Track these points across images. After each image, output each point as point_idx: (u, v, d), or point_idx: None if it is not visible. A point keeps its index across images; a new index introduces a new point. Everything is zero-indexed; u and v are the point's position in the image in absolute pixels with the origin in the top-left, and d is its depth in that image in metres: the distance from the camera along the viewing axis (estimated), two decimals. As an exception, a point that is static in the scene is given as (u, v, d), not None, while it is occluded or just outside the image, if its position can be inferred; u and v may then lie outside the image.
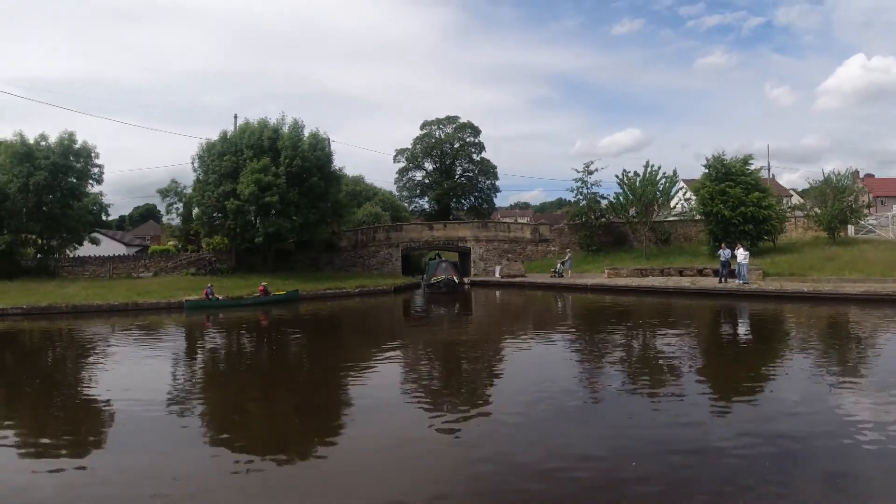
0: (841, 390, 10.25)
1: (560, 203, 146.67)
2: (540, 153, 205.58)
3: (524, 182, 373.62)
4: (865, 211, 37.88)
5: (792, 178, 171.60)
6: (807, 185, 42.85)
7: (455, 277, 34.83)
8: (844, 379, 11.11)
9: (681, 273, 31.90)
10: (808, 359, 13.42)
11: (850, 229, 37.22)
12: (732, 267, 27.69)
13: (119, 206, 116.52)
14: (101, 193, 38.49)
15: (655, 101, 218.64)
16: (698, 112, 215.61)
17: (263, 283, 29.61)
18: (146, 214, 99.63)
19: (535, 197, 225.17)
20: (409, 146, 67.53)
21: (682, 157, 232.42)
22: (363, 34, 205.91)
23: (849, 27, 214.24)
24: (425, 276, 37.54)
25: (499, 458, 7.39)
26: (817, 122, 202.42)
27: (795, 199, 55.04)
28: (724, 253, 28.26)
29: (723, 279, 27.74)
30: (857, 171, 38.14)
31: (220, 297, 27.83)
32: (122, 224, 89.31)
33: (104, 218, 41.73)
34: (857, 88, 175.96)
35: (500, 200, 74.03)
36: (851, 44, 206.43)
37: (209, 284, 28.67)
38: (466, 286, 36.65)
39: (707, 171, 34.84)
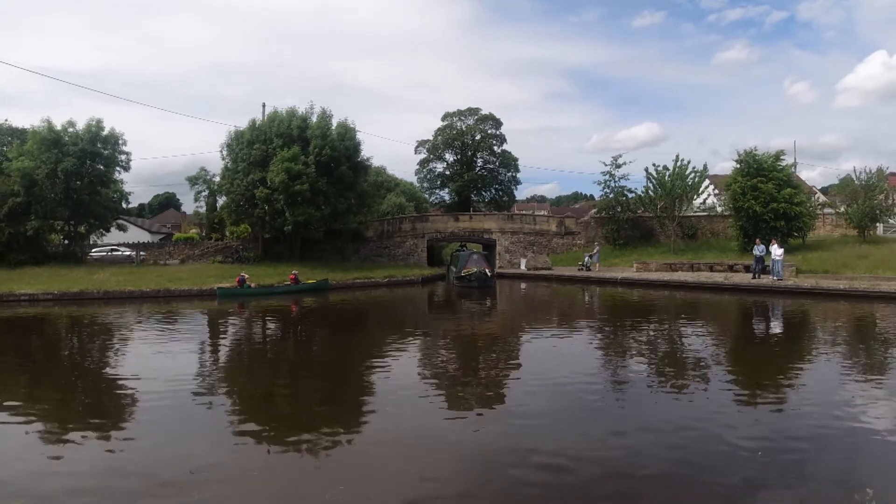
0: (868, 390, 10.14)
1: (576, 196, 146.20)
2: (555, 147, 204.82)
3: (539, 175, 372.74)
4: (896, 210, 37.42)
5: (811, 175, 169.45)
6: (825, 183, 42.28)
7: (487, 270, 33.28)
8: (873, 378, 11.02)
9: (711, 268, 31.61)
10: (842, 357, 13.28)
11: (880, 228, 36.81)
12: (766, 263, 27.43)
13: (137, 194, 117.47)
14: (121, 181, 38.70)
15: (674, 95, 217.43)
16: (717, 107, 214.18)
17: (294, 272, 29.67)
18: (165, 203, 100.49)
19: (551, 190, 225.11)
20: (431, 137, 67.22)
21: (700, 152, 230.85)
22: (380, 27, 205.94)
23: (871, 24, 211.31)
24: (455, 267, 35.94)
25: (516, 452, 7.41)
26: (837, 120, 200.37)
27: (820, 197, 54.47)
28: (759, 248, 27.97)
29: (756, 275, 27.48)
30: (884, 170, 37.44)
31: (252, 286, 27.92)
32: (142, 212, 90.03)
33: (124, 205, 41.90)
34: (878, 87, 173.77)
35: (518, 193, 73.52)
36: (873, 41, 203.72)
37: (242, 273, 28.75)
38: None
39: (738, 165, 34.43)
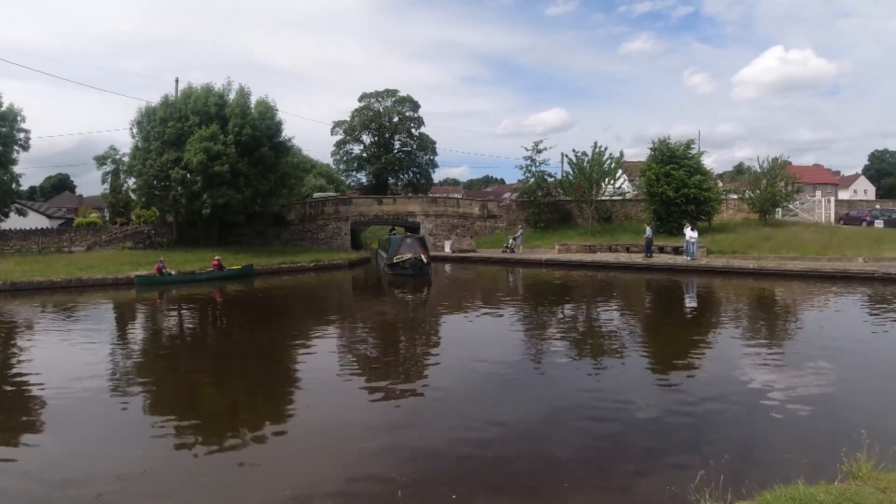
0: (767, 361, 11.06)
1: (487, 180, 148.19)
2: (467, 130, 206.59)
3: (450, 157, 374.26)
4: (796, 196, 40.39)
5: (707, 161, 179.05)
6: (720, 170, 44.89)
7: (423, 256, 29.21)
8: (773, 351, 12.01)
9: (628, 249, 33.21)
10: (745, 331, 14.45)
11: (779, 212, 39.62)
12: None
13: (27, 176, 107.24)
14: (16, 161, 35.72)
15: (582, 83, 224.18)
16: (622, 96, 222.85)
17: (217, 258, 28.51)
18: (59, 185, 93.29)
19: (462, 173, 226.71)
20: (347, 118, 66.04)
21: (605, 138, 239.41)
22: (293, 3, 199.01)
23: (770, 20, 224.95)
24: (385, 253, 32.24)
25: (431, 433, 7.75)
26: (734, 110, 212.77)
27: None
28: (648, 231, 31.23)
29: (648, 255, 30.27)
30: (778, 158, 40.21)
31: (173, 273, 26.65)
32: (33, 195, 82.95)
33: (14, 188, 38.55)
34: (774, 79, 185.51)
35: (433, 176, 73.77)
36: (771, 36, 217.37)
37: (161, 259, 27.32)
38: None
39: (653, 153, 36.12)
